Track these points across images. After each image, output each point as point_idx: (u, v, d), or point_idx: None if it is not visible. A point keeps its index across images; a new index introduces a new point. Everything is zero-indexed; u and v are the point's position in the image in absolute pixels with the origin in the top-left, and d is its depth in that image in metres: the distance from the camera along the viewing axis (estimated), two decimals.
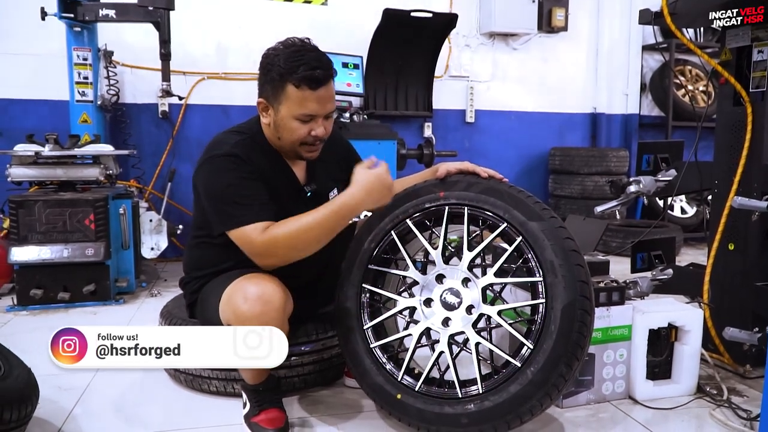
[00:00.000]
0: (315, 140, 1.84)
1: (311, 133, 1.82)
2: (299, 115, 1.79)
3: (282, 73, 1.75)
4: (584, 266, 1.67)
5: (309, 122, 1.81)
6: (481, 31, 5.26)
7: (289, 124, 1.80)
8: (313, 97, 1.76)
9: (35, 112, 4.22)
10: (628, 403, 2.07)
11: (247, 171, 1.79)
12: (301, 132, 1.81)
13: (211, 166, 1.81)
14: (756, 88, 2.20)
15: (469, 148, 5.29)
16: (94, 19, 3.59)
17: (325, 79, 1.77)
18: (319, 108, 1.79)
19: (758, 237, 2.25)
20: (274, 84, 1.78)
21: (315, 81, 1.75)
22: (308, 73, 1.74)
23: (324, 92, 1.78)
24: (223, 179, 1.78)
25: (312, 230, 1.73)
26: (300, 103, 1.77)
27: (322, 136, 1.84)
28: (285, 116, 1.80)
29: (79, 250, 3.20)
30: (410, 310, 1.85)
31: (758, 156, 2.20)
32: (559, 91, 5.56)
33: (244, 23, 4.65)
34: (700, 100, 5.67)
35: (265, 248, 1.73)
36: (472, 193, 1.82)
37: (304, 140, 1.83)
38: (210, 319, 1.88)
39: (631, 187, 2.61)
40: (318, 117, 1.81)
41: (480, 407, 1.63)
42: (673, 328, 2.11)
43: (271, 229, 1.73)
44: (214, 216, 1.81)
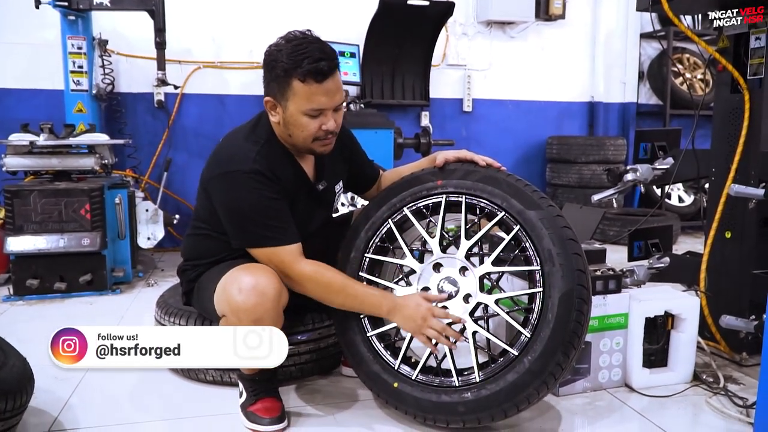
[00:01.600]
0: (327, 134, 1.80)
1: (322, 127, 1.77)
2: (308, 110, 1.74)
3: (286, 69, 1.70)
4: (582, 255, 1.66)
5: (318, 117, 1.76)
6: (478, 19, 5.23)
7: (299, 120, 1.76)
8: (321, 91, 1.72)
9: (30, 102, 4.19)
10: (625, 391, 2.07)
11: (272, 189, 1.76)
12: (311, 127, 1.77)
13: (234, 182, 1.76)
14: (753, 75, 2.19)
15: (467, 137, 5.27)
16: (88, 7, 3.56)
17: (330, 71, 1.72)
18: (328, 101, 1.75)
19: (755, 225, 2.24)
20: (279, 81, 1.73)
21: (320, 73, 1.70)
22: (312, 66, 1.69)
23: (331, 84, 1.73)
24: (247, 198, 1.75)
25: (347, 298, 1.79)
26: (307, 97, 1.72)
27: (334, 129, 1.80)
28: (294, 113, 1.75)
29: (75, 240, 3.19)
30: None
31: (755, 143, 2.19)
32: (557, 80, 5.54)
33: (239, 12, 4.61)
34: (698, 88, 5.66)
35: (301, 278, 1.76)
36: (469, 181, 1.82)
37: (315, 135, 1.79)
38: (206, 308, 1.89)
39: (628, 175, 2.61)
40: (327, 110, 1.76)
41: (477, 396, 1.64)
42: (670, 316, 2.11)
43: (319, 267, 1.77)
44: (236, 231, 1.80)
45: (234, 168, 1.76)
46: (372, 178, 2.19)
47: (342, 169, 2.08)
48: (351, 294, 1.78)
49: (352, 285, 1.80)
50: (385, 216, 1.91)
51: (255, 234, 1.77)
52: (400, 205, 1.90)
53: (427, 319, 1.72)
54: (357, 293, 1.79)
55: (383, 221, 1.91)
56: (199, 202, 1.96)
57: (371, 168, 2.20)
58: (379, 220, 1.92)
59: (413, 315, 1.73)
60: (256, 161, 1.76)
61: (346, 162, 2.09)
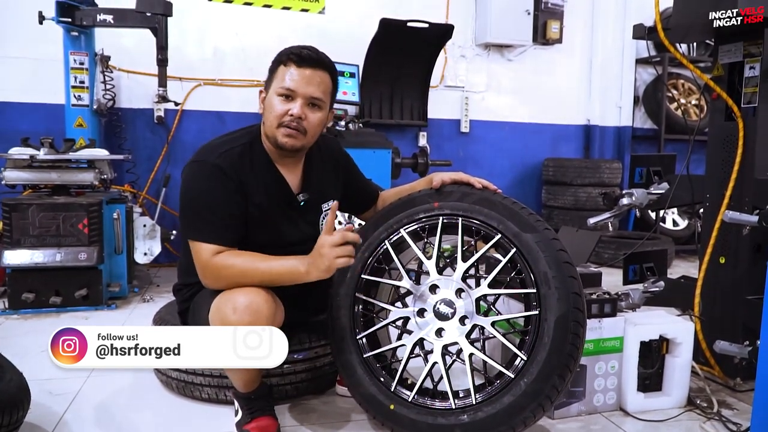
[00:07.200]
0: (291, 121, 1.80)
1: (289, 112, 1.80)
2: (279, 89, 1.80)
3: (278, 59, 1.84)
4: (577, 278, 1.68)
5: (289, 100, 1.81)
6: (476, 42, 5.30)
7: (271, 102, 1.83)
8: (297, 74, 1.79)
9: (30, 115, 4.21)
10: (619, 414, 2.08)
11: (225, 186, 1.78)
12: (278, 109, 1.81)
13: (192, 170, 1.83)
14: (747, 104, 2.22)
15: (464, 158, 5.31)
16: (91, 24, 3.59)
17: (311, 61, 1.81)
18: (299, 85, 1.79)
19: (749, 251, 2.26)
20: (270, 71, 1.86)
21: (300, 58, 1.80)
22: (296, 51, 1.81)
23: (309, 73, 1.80)
24: (199, 187, 1.80)
25: (257, 276, 1.74)
26: (282, 77, 1.81)
27: (297, 115, 1.80)
28: (270, 96, 1.84)
29: (72, 254, 3.19)
30: (404, 320, 1.85)
31: (749, 170, 2.22)
32: (553, 103, 5.61)
33: (240, 30, 4.66)
34: (693, 114, 5.72)
35: (210, 271, 1.76)
36: (466, 203, 1.83)
37: (281, 120, 1.81)
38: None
39: (624, 199, 2.63)
40: (298, 96, 1.80)
41: (473, 418, 1.64)
42: (665, 341, 2.12)
43: (224, 256, 1.75)
44: (181, 219, 1.86)
45: (198, 159, 1.84)
46: (370, 198, 2.20)
47: (333, 187, 2.08)
48: (266, 270, 1.74)
49: (262, 263, 1.75)
50: (382, 237, 1.92)
51: (189, 224, 1.81)
52: (397, 226, 1.91)
53: (328, 253, 1.65)
54: (272, 267, 1.74)
55: (380, 242, 1.92)
56: None
57: (369, 188, 2.21)
58: (376, 241, 1.92)
59: (320, 260, 1.67)
60: (221, 157, 1.81)
61: (339, 180, 2.10)
